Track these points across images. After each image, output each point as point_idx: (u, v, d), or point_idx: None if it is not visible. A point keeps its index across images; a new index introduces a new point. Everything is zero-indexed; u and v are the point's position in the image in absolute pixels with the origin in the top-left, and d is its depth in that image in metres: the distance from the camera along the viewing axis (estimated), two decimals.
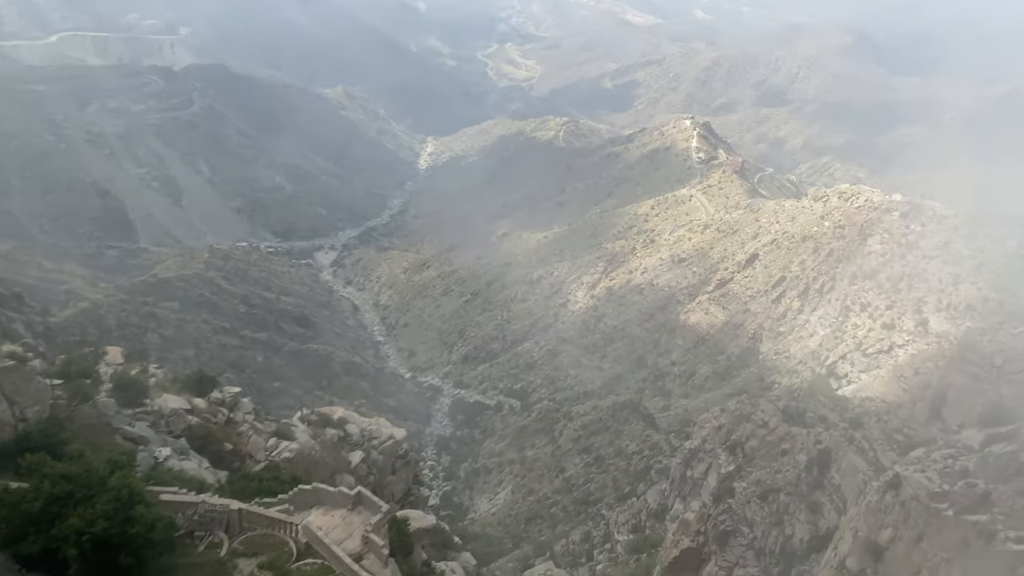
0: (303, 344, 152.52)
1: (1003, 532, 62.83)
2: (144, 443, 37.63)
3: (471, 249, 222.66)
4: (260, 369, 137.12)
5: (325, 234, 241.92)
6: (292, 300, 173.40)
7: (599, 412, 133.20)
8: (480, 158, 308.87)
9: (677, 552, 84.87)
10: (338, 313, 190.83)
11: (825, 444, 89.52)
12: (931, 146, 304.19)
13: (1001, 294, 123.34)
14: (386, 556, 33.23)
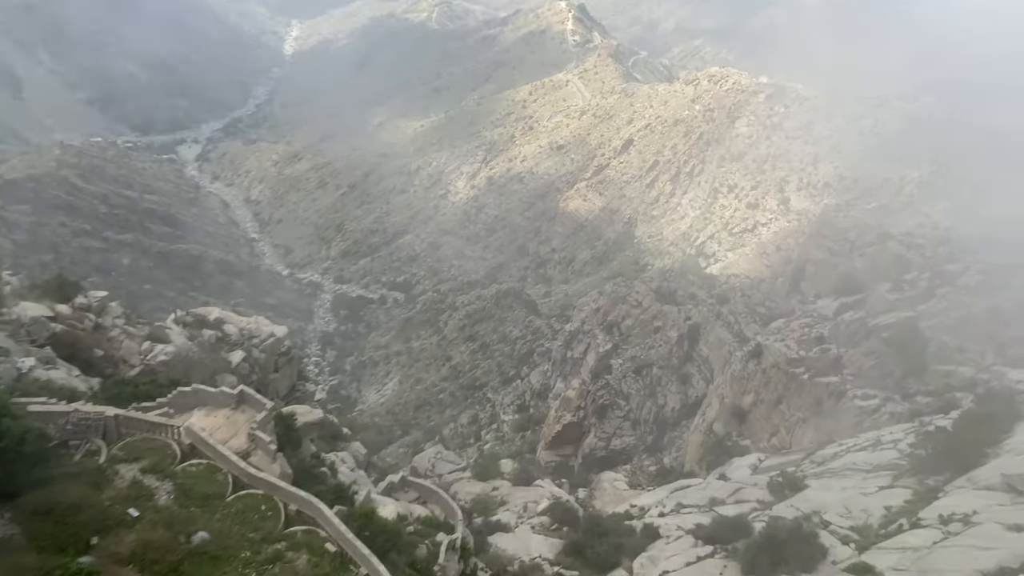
0: (172, 244, 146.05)
1: (851, 391, 69.36)
2: (4, 354, 35.76)
3: (345, 140, 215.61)
4: (128, 272, 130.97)
5: (187, 127, 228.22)
6: (157, 198, 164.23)
7: (483, 301, 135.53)
8: (350, 42, 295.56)
9: (560, 427, 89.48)
10: (207, 211, 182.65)
11: (694, 320, 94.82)
12: (796, 29, 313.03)
13: (856, 172, 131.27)
14: (273, 451, 33.49)
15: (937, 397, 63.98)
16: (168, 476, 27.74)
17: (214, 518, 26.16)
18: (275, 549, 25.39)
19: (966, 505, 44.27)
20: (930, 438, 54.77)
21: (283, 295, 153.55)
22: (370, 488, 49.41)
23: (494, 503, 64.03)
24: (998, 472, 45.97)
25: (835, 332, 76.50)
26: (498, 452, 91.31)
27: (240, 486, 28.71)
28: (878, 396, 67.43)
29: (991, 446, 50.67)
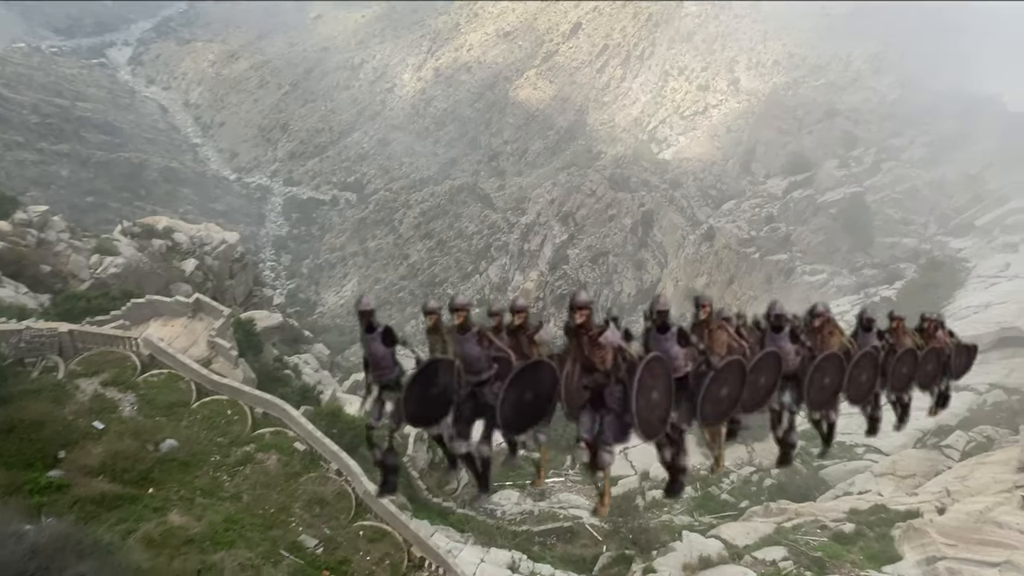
0: (112, 153, 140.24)
1: (800, 267, 71.25)
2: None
3: (283, 35, 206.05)
4: (68, 184, 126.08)
5: (115, 28, 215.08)
6: (91, 106, 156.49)
7: (437, 197, 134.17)
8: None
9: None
10: (145, 116, 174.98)
11: (648, 206, 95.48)
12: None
13: (804, 49, 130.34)
14: (235, 357, 33.61)
15: (882, 269, 66.14)
16: (130, 387, 27.75)
17: (180, 425, 26.41)
18: (244, 451, 25.85)
19: None
20: (875, 309, 56.90)
21: (232, 200, 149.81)
22: (335, 387, 50.10)
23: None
24: None
25: (784, 211, 77.81)
26: None
27: (204, 393, 28.88)
28: (826, 271, 69.44)
29: (932, 313, 52.85)
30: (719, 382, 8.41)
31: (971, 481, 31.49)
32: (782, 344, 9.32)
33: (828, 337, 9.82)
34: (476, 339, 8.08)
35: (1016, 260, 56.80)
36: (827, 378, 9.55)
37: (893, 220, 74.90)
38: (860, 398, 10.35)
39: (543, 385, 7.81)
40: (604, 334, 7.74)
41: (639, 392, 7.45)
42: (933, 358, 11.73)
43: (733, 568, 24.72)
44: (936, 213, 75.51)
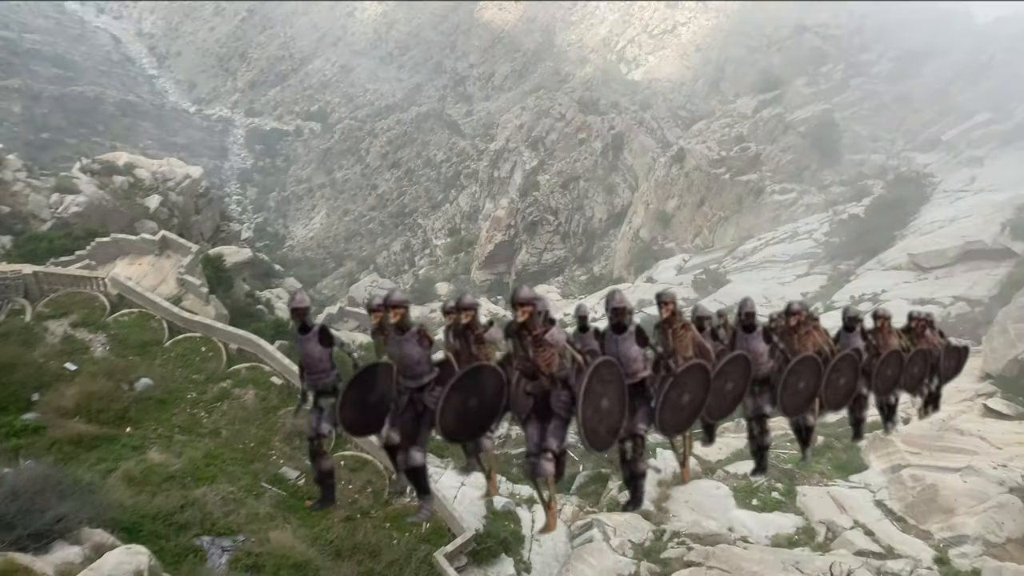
0: (65, 87, 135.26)
1: (769, 186, 71.45)
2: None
3: None
4: (21, 121, 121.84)
5: None
6: (39, 37, 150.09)
7: (403, 125, 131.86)
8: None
9: (492, 246, 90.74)
10: (97, 48, 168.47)
11: (618, 129, 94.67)
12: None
13: None
14: (205, 294, 33.31)
15: (850, 186, 66.55)
16: (100, 328, 27.47)
17: (154, 364, 26.29)
18: (221, 388, 25.85)
19: (875, 285, 47.45)
20: (844, 226, 57.58)
21: (193, 134, 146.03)
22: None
23: (434, 324, 65.67)
24: (905, 252, 49.01)
25: (754, 130, 77.57)
26: (433, 276, 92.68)
27: (176, 331, 28.69)
28: (795, 189, 69.75)
29: (899, 228, 53.65)
30: (680, 388, 7.80)
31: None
32: (753, 345, 8.88)
33: (805, 338, 9.43)
34: (416, 339, 7.46)
35: (981, 174, 57.39)
36: (802, 382, 9.05)
37: (861, 137, 75.07)
38: (838, 403, 9.94)
39: (488, 390, 7.18)
40: (549, 332, 7.18)
41: (586, 399, 6.86)
42: (920, 360, 11.35)
43: (706, 482, 25.45)
44: (903, 129, 75.76)
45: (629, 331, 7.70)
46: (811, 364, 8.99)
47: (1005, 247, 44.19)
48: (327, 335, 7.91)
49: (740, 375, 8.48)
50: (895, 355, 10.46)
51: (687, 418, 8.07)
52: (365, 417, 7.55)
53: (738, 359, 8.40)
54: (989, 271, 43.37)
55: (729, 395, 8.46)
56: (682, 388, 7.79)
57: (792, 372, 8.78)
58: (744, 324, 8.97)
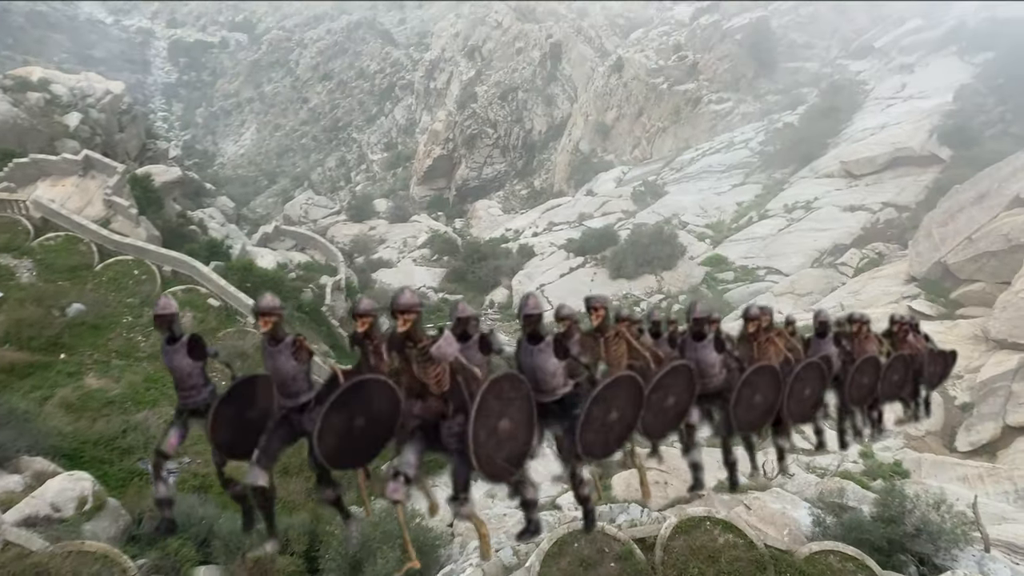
0: None
1: (707, 96, 71.58)
2: None
3: None
4: None
5: None
6: None
7: (334, 35, 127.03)
8: None
9: (430, 161, 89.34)
10: None
11: (556, 38, 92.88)
12: None
13: None
14: (135, 215, 32.25)
15: (785, 95, 67.11)
16: (25, 253, 26.50)
17: (86, 289, 25.55)
18: None
19: (808, 193, 48.54)
20: (778, 134, 58.32)
21: (111, 46, 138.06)
22: (244, 241, 49.04)
23: (373, 242, 65.14)
24: (837, 160, 50.05)
25: (692, 38, 77.04)
26: (371, 192, 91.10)
27: (107, 254, 27.85)
28: (732, 99, 70.05)
29: (832, 136, 54.58)
30: (604, 404, 6.67)
31: (863, 295, 33.75)
32: (703, 355, 7.99)
33: (765, 345, 8.57)
34: (291, 351, 6.37)
35: (912, 81, 58.34)
36: (758, 395, 8.13)
37: (797, 44, 75.27)
38: (802, 416, 9.02)
39: (377, 407, 6.10)
40: (436, 344, 6.09)
41: (479, 420, 5.84)
42: (900, 366, 10.47)
43: None
44: (837, 36, 76.10)
45: (546, 341, 6.70)
46: (769, 375, 8.17)
47: (932, 153, 45.47)
48: (199, 345, 6.80)
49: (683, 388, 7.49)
50: (871, 362, 9.74)
51: (617, 438, 6.99)
52: (243, 437, 6.52)
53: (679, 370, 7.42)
54: (916, 177, 44.69)
55: (671, 410, 7.49)
56: (608, 404, 6.68)
57: (747, 384, 7.95)
58: (694, 331, 8.10)
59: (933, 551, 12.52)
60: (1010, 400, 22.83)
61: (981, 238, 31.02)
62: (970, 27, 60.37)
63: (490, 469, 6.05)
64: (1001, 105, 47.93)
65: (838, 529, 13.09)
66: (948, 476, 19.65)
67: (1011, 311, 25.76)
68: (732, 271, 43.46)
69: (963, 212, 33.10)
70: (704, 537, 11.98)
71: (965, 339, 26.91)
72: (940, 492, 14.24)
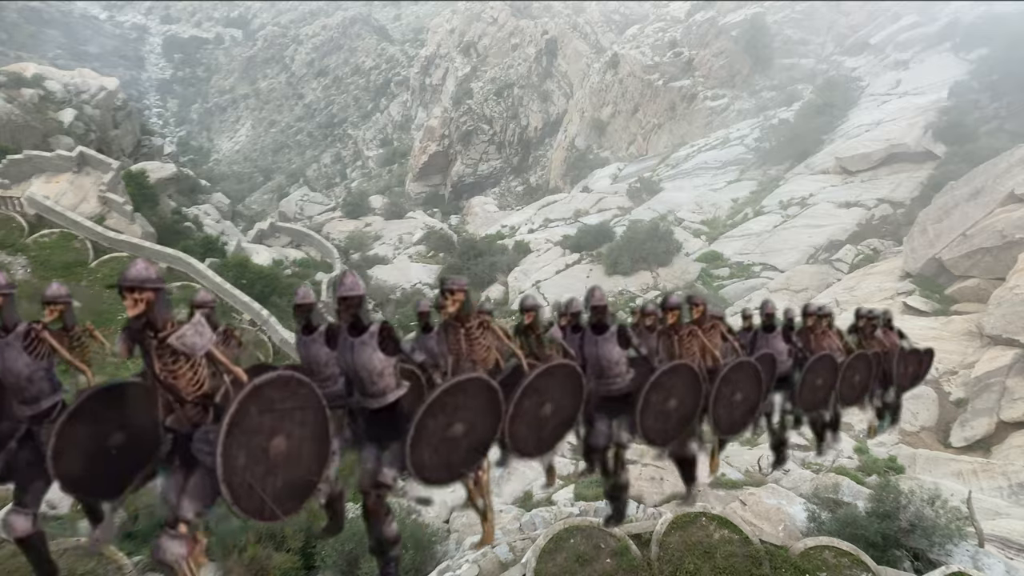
0: None
1: (702, 92, 71.55)
2: None
3: None
4: None
5: None
6: None
7: (329, 31, 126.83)
8: None
9: (426, 157, 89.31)
10: None
11: (551, 34, 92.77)
12: None
13: None
14: (130, 212, 32.19)
15: (781, 91, 67.10)
16: (19, 250, 26.43)
17: (81, 286, 25.50)
18: None
19: (803, 189, 48.58)
20: (774, 131, 58.34)
21: (106, 42, 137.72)
22: (240, 237, 48.95)
23: (369, 238, 65.01)
24: (832, 156, 50.10)
25: (687, 35, 77.00)
26: (366, 189, 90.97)
27: (102, 251, 27.80)
28: (727, 95, 70.05)
29: (827, 133, 54.63)
30: (440, 414, 5.36)
31: (858, 291, 33.80)
32: (605, 350, 6.70)
33: (687, 339, 7.22)
34: (22, 342, 5.34)
35: (906, 77, 58.40)
36: (672, 399, 6.79)
37: (792, 41, 75.27)
38: (733, 426, 7.59)
39: (138, 417, 4.94)
40: (180, 331, 4.65)
41: (231, 438, 4.25)
42: (862, 366, 9.19)
43: None
44: (833, 32, 76.10)
45: (370, 331, 5.57)
46: (685, 376, 6.82)
47: (927, 150, 45.55)
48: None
49: (567, 394, 6.12)
50: (825, 361, 8.43)
51: (462, 461, 5.61)
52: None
53: (556, 371, 5.93)
54: (911, 173, 44.76)
55: (549, 422, 6.13)
56: (448, 413, 5.41)
57: (655, 387, 6.57)
58: (593, 322, 6.82)
59: (928, 546, 12.57)
60: (1004, 396, 22.92)
61: (976, 234, 31.10)
62: (965, 23, 60.39)
63: (244, 502, 4.42)
64: (996, 101, 48.02)
65: (833, 524, 13.14)
66: (943, 471, 19.73)
67: (1005, 307, 25.84)
68: (727, 267, 43.49)
69: (958, 208, 33.18)
70: (700, 533, 12.01)
71: (960, 335, 27.00)
72: (935, 487, 14.29)
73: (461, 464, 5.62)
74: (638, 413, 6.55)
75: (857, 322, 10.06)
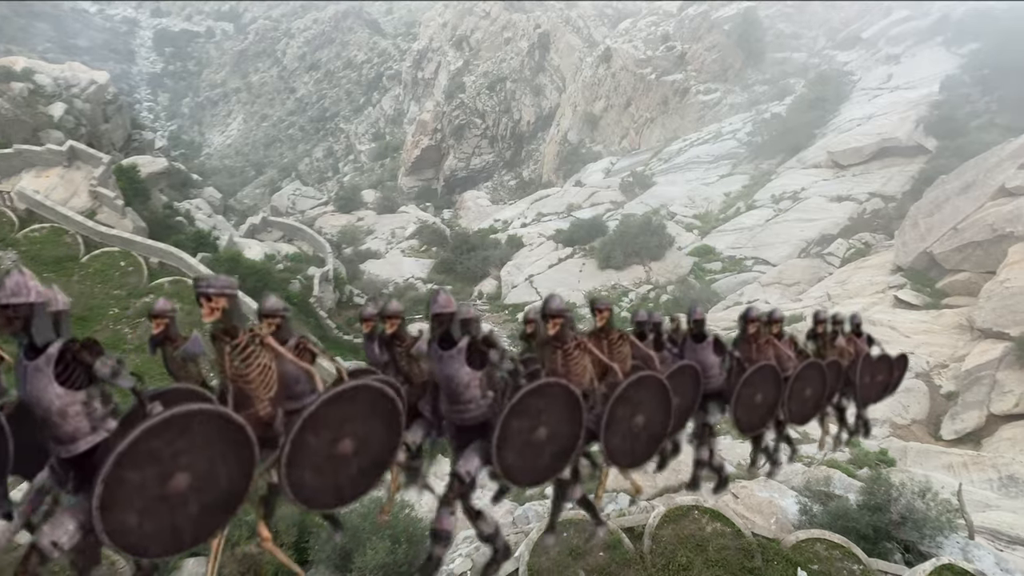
0: None
1: (695, 87, 71.57)
2: None
3: None
4: None
5: None
6: None
7: (321, 24, 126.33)
8: None
9: (418, 152, 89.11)
10: None
11: (544, 27, 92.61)
12: None
13: None
14: (121, 206, 32.03)
15: (773, 85, 67.21)
16: (9, 245, 26.28)
17: (72, 281, 25.38)
18: (144, 303, 25.17)
19: (795, 183, 48.70)
20: (766, 125, 58.44)
21: (95, 35, 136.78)
22: (232, 232, 48.76)
23: (361, 232, 64.90)
24: (824, 150, 50.22)
25: (680, 28, 77.01)
26: (359, 183, 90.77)
27: (93, 246, 27.67)
28: (719, 89, 70.10)
29: (819, 127, 54.75)
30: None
31: (850, 285, 33.94)
32: (451, 369, 5.50)
33: (574, 352, 5.94)
34: None
35: (898, 71, 58.56)
36: (542, 428, 5.39)
37: (784, 35, 75.40)
38: (634, 457, 6.20)
39: None
40: None
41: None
42: (814, 377, 7.95)
43: None
44: (825, 27, 76.27)
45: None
46: (562, 398, 5.44)
47: (918, 144, 45.70)
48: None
49: (379, 418, 4.87)
50: (765, 372, 7.31)
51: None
52: None
53: (354, 395, 4.68)
54: (903, 167, 44.92)
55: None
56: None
57: (514, 412, 5.22)
58: (440, 337, 5.61)
59: (918, 538, 12.64)
60: (994, 389, 23.05)
61: (967, 228, 31.23)
62: (956, 18, 60.57)
63: None
64: (987, 95, 48.19)
65: (825, 517, 13.20)
66: (933, 464, 19.83)
67: (996, 300, 25.97)
68: (720, 261, 43.60)
69: (949, 202, 33.30)
70: (692, 526, 12.06)
71: (950, 328, 27.14)
72: (925, 480, 14.38)
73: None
74: (494, 447, 5.19)
75: (815, 327, 8.93)
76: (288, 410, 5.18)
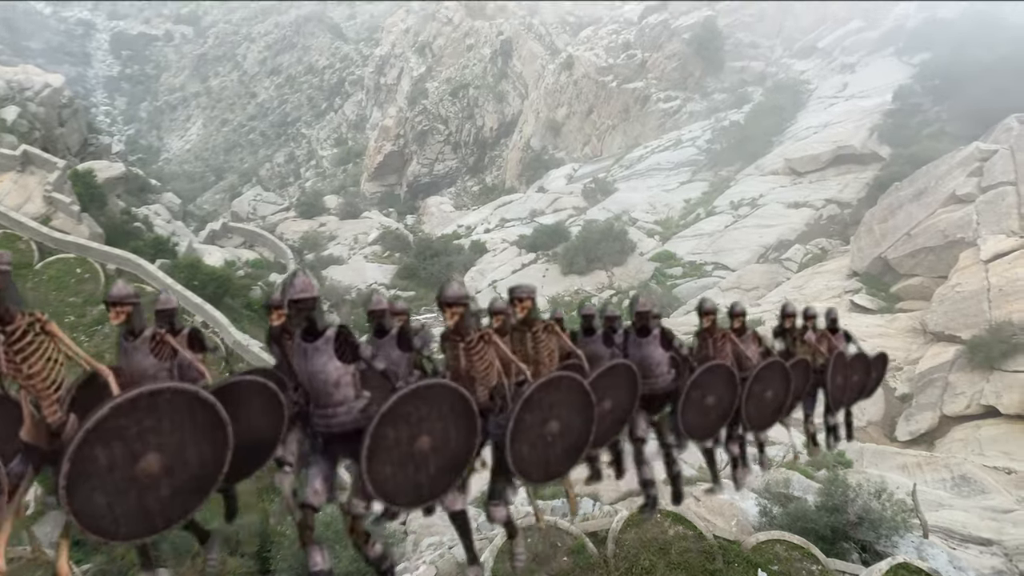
0: None
1: (655, 94, 72.34)
2: None
3: None
4: None
5: None
6: None
7: (282, 29, 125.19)
8: None
9: (381, 157, 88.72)
10: None
11: (506, 35, 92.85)
12: None
13: None
14: (77, 212, 31.45)
15: (732, 93, 68.19)
16: None
17: (25, 288, 24.81)
18: (101, 310, 24.71)
19: (753, 190, 49.47)
20: (725, 133, 59.27)
21: (50, 37, 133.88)
22: (191, 238, 48.11)
23: (324, 238, 64.41)
24: (782, 158, 51.10)
25: (640, 37, 77.77)
26: (321, 188, 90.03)
27: (47, 252, 27.14)
28: (679, 97, 70.94)
29: (776, 135, 55.68)
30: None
31: (807, 290, 34.55)
32: (316, 366, 4.97)
33: (478, 347, 5.41)
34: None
35: (853, 80, 59.81)
36: (424, 437, 4.81)
37: (743, 44, 76.51)
38: (547, 469, 5.58)
39: None
40: None
41: None
42: (776, 378, 7.26)
43: None
44: (783, 36, 77.59)
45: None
46: (448, 401, 4.88)
47: (873, 151, 46.74)
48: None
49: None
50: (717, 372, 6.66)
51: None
52: None
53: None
54: (858, 174, 45.88)
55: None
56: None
57: (390, 420, 4.64)
58: (305, 330, 5.04)
59: (875, 538, 12.93)
60: (947, 391, 23.64)
61: (919, 234, 32.02)
62: (909, 28, 62.06)
63: None
64: (938, 105, 49.42)
65: (784, 519, 13.43)
66: (888, 465, 20.28)
67: (947, 304, 26.65)
68: (681, 267, 44.09)
69: (902, 209, 34.11)
70: (655, 529, 12.19)
71: (904, 332, 27.77)
72: (881, 481, 14.71)
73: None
74: (363, 459, 4.55)
75: (783, 322, 8.23)
76: None
